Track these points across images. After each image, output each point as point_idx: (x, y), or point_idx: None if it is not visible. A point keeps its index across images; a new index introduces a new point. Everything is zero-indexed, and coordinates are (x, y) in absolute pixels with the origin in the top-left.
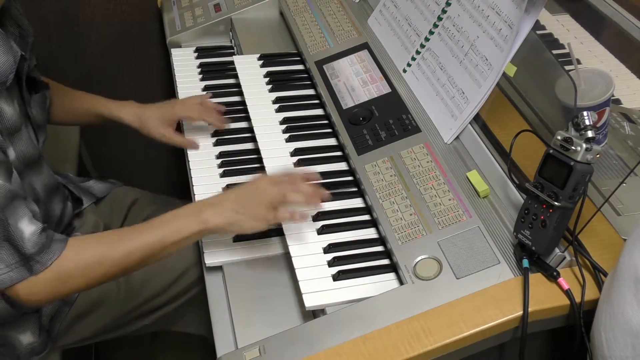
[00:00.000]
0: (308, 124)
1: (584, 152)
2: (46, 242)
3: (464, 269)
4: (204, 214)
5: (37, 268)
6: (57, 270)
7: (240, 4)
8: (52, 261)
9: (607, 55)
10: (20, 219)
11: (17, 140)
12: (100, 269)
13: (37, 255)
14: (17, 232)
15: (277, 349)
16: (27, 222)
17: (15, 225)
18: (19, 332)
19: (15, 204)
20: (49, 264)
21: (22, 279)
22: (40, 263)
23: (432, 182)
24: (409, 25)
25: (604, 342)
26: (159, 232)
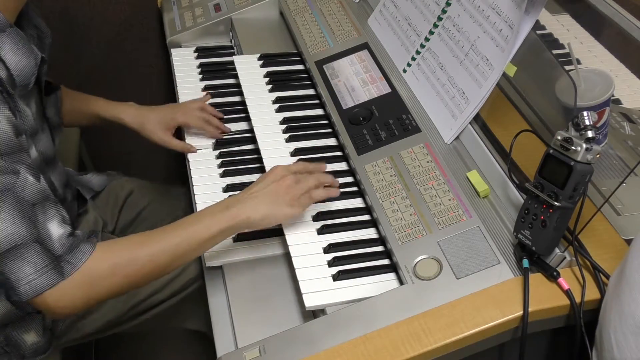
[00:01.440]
0: (308, 124)
1: (584, 152)
2: (75, 243)
3: (464, 269)
4: (233, 208)
5: (68, 270)
6: (87, 272)
7: (240, 4)
8: (83, 261)
9: (607, 55)
10: (50, 220)
11: (38, 141)
12: (130, 269)
13: (67, 255)
14: (46, 232)
15: (277, 349)
16: (56, 224)
17: (45, 225)
18: (24, 332)
19: (47, 205)
20: (79, 265)
21: (53, 285)
22: (71, 264)
23: (432, 182)
24: (409, 25)
25: (613, 344)
26: (188, 230)
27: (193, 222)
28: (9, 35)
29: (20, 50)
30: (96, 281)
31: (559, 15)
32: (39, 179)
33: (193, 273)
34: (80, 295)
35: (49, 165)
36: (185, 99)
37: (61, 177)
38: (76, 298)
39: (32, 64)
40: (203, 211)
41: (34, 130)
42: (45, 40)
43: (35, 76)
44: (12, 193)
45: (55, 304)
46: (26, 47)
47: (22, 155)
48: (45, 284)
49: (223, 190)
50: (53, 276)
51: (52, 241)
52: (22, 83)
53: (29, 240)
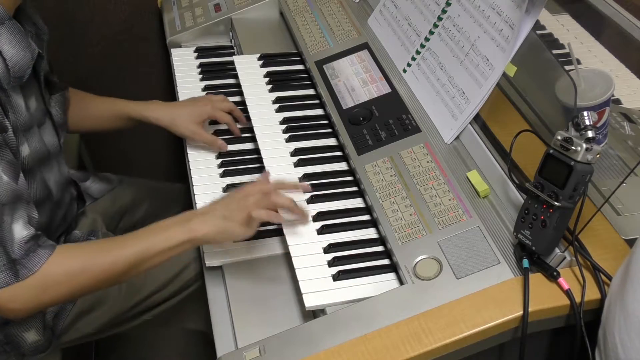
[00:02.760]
0: (308, 124)
1: (584, 152)
2: (32, 247)
3: (464, 269)
4: (192, 222)
5: (24, 273)
6: (42, 277)
7: (240, 4)
8: (38, 266)
9: (607, 55)
10: (16, 221)
11: (32, 135)
12: (85, 277)
13: (23, 259)
14: (9, 234)
15: (277, 349)
16: (21, 226)
17: (10, 226)
18: (24, 331)
19: (17, 205)
20: (35, 270)
21: (6, 284)
22: (26, 268)
23: (432, 182)
24: (409, 25)
25: (618, 345)
26: (146, 241)
27: (152, 233)
28: (7, 27)
29: (18, 43)
30: (49, 286)
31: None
32: (16, 178)
33: (193, 273)
34: (32, 298)
35: (43, 163)
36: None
37: (58, 177)
38: (28, 300)
39: (28, 57)
40: (164, 223)
41: (27, 126)
42: (42, 37)
43: (31, 70)
44: None
45: (5, 304)
46: (24, 41)
47: (3, 152)
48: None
49: (223, 190)
50: (7, 276)
51: (12, 243)
52: (16, 75)
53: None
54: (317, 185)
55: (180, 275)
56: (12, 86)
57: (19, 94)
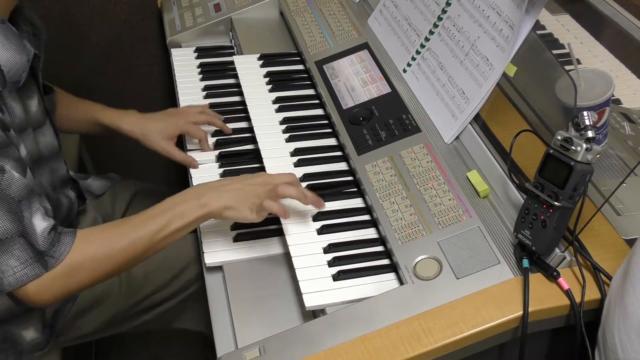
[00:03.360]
0: (308, 124)
1: (584, 152)
2: (56, 237)
3: (464, 269)
4: (205, 197)
5: (52, 263)
6: (68, 264)
7: (240, 4)
8: (65, 254)
9: (607, 55)
10: (34, 214)
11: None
12: (108, 261)
13: (50, 250)
14: (30, 227)
15: (277, 349)
16: (40, 218)
17: (30, 219)
18: (22, 328)
19: (32, 199)
20: (62, 258)
21: (37, 276)
22: (54, 257)
23: (432, 182)
24: (409, 25)
25: (617, 345)
26: (162, 219)
27: (166, 212)
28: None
29: (12, 47)
30: (76, 272)
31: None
32: (25, 173)
33: (193, 273)
34: (61, 286)
35: (36, 165)
36: (185, 99)
37: (51, 179)
38: (56, 289)
39: (23, 60)
40: (175, 199)
41: (22, 127)
42: (40, 37)
43: (27, 72)
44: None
45: (35, 295)
46: (18, 43)
47: (9, 150)
48: (30, 276)
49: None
50: (37, 268)
51: (36, 236)
52: (12, 80)
53: (14, 234)
54: (317, 185)
55: (180, 276)
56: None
57: (15, 96)
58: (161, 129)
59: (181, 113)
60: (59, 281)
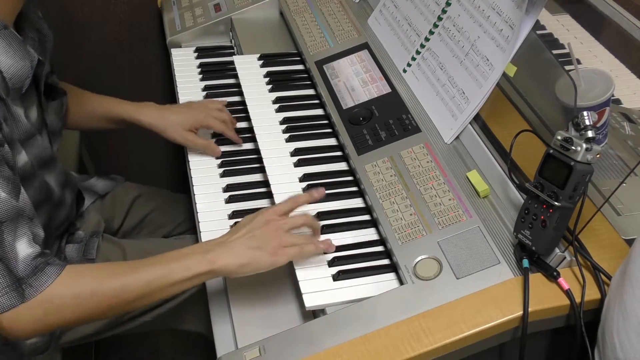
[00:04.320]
0: (308, 124)
1: (584, 152)
2: (40, 266)
3: (464, 269)
4: (212, 252)
5: (30, 293)
6: (48, 297)
7: (240, 4)
8: (46, 285)
9: (607, 55)
10: (18, 239)
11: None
12: (93, 301)
13: (29, 278)
14: (12, 252)
15: (277, 349)
16: (25, 244)
17: (12, 244)
18: None
19: (19, 223)
20: (42, 289)
21: (11, 307)
22: (33, 287)
23: (432, 182)
24: (409, 25)
25: (617, 345)
26: (162, 268)
27: (169, 261)
28: (3, 37)
29: (16, 54)
30: (56, 308)
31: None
32: (16, 194)
33: None
34: (37, 319)
35: (44, 166)
36: (185, 99)
37: (59, 177)
38: (32, 322)
39: (27, 66)
40: (183, 251)
41: (29, 134)
42: (46, 44)
43: (30, 79)
44: None
45: (9, 326)
46: (21, 50)
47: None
48: (4, 306)
49: (223, 190)
50: (13, 298)
51: (17, 262)
52: (15, 86)
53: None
54: (317, 185)
55: None
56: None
57: (18, 104)
58: (182, 121)
59: (203, 106)
60: (35, 314)
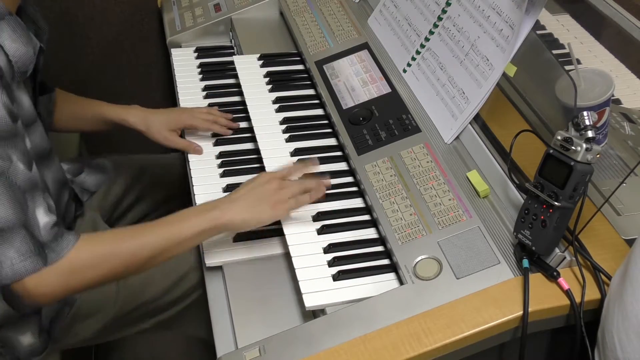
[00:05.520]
0: (308, 124)
1: (584, 152)
2: (59, 232)
3: (464, 269)
4: (217, 209)
5: (52, 257)
6: (70, 261)
7: (240, 4)
8: (67, 250)
9: (607, 55)
10: (37, 208)
11: (34, 131)
12: (113, 261)
13: (52, 243)
14: (34, 220)
15: (277, 349)
16: (43, 213)
17: (34, 212)
18: (20, 333)
19: (35, 193)
20: (63, 254)
21: (35, 270)
22: (55, 252)
23: (432, 182)
24: (409, 25)
25: (616, 344)
26: (172, 228)
27: (178, 221)
28: (8, 22)
29: (19, 39)
30: (77, 271)
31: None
32: (30, 167)
33: (193, 281)
34: (60, 283)
35: (42, 161)
36: (185, 99)
37: (56, 175)
38: (56, 286)
39: (30, 52)
40: (187, 210)
41: (31, 120)
42: (42, 37)
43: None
44: (4, 178)
45: (34, 289)
46: (25, 36)
47: (17, 141)
48: (28, 269)
49: (223, 190)
50: (37, 262)
51: (39, 228)
52: (20, 70)
53: (16, 225)
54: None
55: (180, 284)
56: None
57: (22, 88)
58: (164, 121)
59: (187, 109)
60: (59, 277)
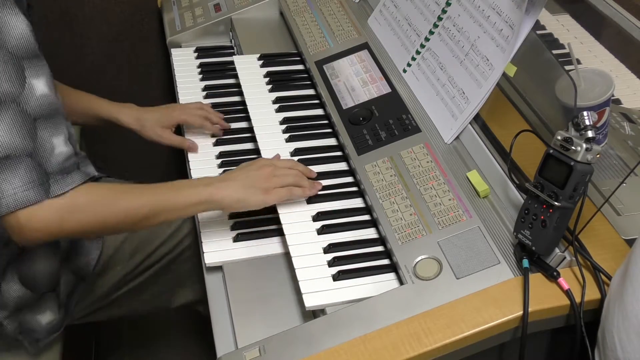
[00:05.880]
0: (308, 124)
1: (584, 152)
2: (70, 168)
3: (464, 269)
4: (213, 186)
5: (55, 190)
6: (70, 200)
7: (240, 4)
8: (70, 187)
9: (607, 55)
10: (56, 135)
11: None
12: (109, 211)
13: (58, 175)
14: (46, 147)
15: (277, 349)
16: (61, 141)
17: (49, 139)
18: (39, 313)
19: (56, 119)
20: (66, 189)
21: (37, 201)
22: (59, 185)
23: (432, 182)
24: (409, 25)
25: (617, 344)
26: (169, 194)
27: (174, 188)
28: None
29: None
30: (75, 211)
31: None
32: (55, 91)
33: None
34: (56, 220)
35: None
36: (185, 99)
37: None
38: (49, 222)
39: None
40: (184, 181)
41: None
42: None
43: None
44: (15, 105)
45: (26, 223)
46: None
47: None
48: (30, 199)
49: None
50: (39, 193)
51: (51, 156)
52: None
53: (23, 153)
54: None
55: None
56: None
57: None
58: (157, 119)
59: (180, 105)
60: (55, 214)
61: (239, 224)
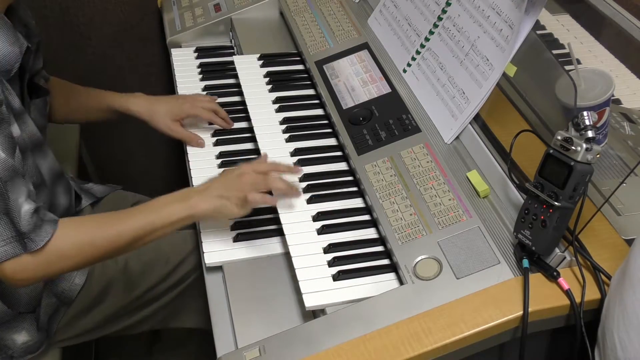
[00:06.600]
0: (308, 124)
1: (584, 152)
2: (38, 222)
3: (464, 269)
4: (192, 200)
5: (31, 246)
6: (50, 250)
7: (240, 4)
8: (45, 241)
9: (607, 55)
10: (20, 195)
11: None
12: (92, 249)
13: (31, 233)
14: (16, 207)
15: (277, 349)
16: (24, 199)
17: (16, 200)
18: (14, 332)
19: (16, 180)
20: (42, 244)
21: (15, 255)
22: (34, 242)
23: (432, 182)
24: (409, 25)
25: (617, 344)
26: (148, 217)
27: (154, 210)
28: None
29: (6, 38)
30: (58, 258)
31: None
32: (12, 153)
33: (191, 265)
34: (40, 269)
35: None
36: None
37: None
38: (35, 272)
39: (16, 52)
40: (164, 199)
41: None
42: (32, 39)
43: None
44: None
45: (12, 274)
46: (11, 35)
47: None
48: (9, 254)
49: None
50: (17, 248)
51: (20, 216)
52: (3, 68)
53: None
54: (317, 185)
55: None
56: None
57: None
58: (168, 110)
59: (190, 97)
60: (38, 265)
61: (239, 224)
